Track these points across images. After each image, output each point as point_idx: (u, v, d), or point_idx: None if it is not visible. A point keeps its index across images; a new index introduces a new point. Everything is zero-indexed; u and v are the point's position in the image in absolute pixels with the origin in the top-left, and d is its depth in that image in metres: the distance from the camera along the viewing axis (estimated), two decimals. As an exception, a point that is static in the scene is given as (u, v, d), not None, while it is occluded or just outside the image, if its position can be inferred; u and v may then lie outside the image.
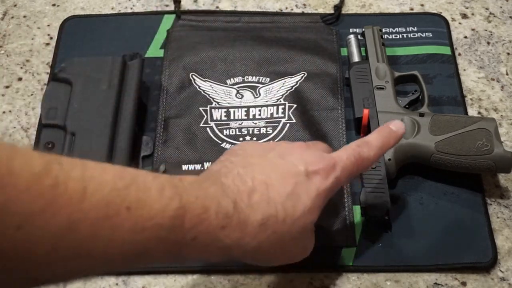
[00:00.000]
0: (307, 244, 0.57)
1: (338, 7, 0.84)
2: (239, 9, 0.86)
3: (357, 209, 0.67)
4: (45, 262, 0.39)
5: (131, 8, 0.86)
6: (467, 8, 0.86)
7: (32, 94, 0.78)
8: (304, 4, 0.86)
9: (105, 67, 0.72)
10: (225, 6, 0.86)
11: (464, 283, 0.64)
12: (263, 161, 0.54)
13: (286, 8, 0.86)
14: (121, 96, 0.71)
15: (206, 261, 0.59)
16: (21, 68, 0.81)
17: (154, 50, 0.81)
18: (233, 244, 0.49)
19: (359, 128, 0.72)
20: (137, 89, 0.72)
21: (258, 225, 0.50)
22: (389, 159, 0.67)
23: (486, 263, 0.64)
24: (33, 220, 0.37)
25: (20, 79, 0.80)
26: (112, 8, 0.86)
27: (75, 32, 0.83)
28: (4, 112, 0.77)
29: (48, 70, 0.80)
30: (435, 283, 0.64)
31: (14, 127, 0.75)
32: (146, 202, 0.43)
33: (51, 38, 0.84)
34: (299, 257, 0.57)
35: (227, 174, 0.52)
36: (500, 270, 0.65)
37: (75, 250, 0.40)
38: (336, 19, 0.84)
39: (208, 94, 0.76)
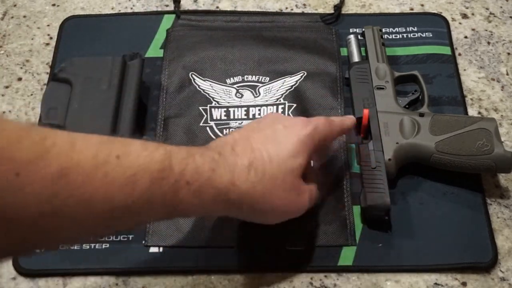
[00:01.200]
0: (300, 193, 0.58)
1: (338, 7, 0.84)
2: (239, 9, 0.86)
3: (357, 209, 0.67)
4: (43, 212, 0.41)
5: (131, 8, 0.86)
6: (467, 8, 0.86)
7: (32, 94, 0.78)
8: (304, 4, 0.86)
9: (105, 67, 0.72)
10: (225, 6, 0.86)
11: (464, 283, 0.64)
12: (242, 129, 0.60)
13: (286, 8, 0.86)
14: (121, 96, 0.71)
15: (207, 213, 0.59)
16: (21, 68, 0.81)
17: (154, 50, 0.81)
18: (228, 186, 0.52)
19: (359, 128, 0.72)
20: (137, 89, 0.72)
21: (247, 166, 0.54)
22: (389, 159, 0.67)
23: (486, 263, 0.64)
24: (29, 168, 0.40)
25: (20, 79, 0.80)
26: (112, 8, 0.86)
27: (75, 32, 0.83)
28: (4, 112, 0.77)
29: (48, 70, 0.80)
30: (435, 283, 0.64)
31: (14, 127, 0.75)
32: (132, 152, 0.47)
33: (51, 38, 0.83)
34: (295, 209, 0.59)
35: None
36: (501, 270, 0.65)
37: (72, 198, 0.42)
38: (336, 19, 0.84)
39: (208, 94, 0.76)
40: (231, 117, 0.74)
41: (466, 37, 0.83)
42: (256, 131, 0.58)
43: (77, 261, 0.65)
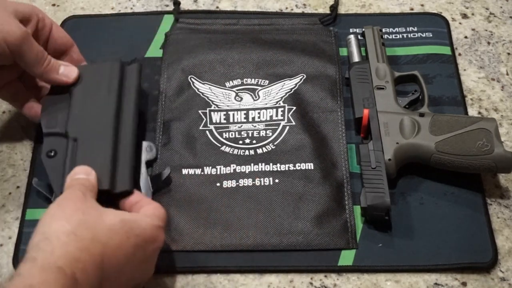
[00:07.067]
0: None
1: (334, 7, 0.84)
2: (239, 9, 0.86)
3: (357, 210, 0.67)
4: None
5: (131, 8, 0.86)
6: (467, 8, 0.86)
7: (32, 94, 0.78)
8: (304, 4, 0.86)
9: (104, 72, 0.70)
10: (225, 6, 0.86)
11: (464, 283, 0.64)
12: None
13: (286, 8, 0.86)
14: (121, 101, 0.69)
15: None
16: (21, 68, 0.81)
17: (154, 50, 0.81)
18: None
19: (359, 128, 0.72)
20: (137, 94, 0.70)
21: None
22: (389, 159, 0.67)
23: (486, 263, 0.64)
24: None
25: (20, 79, 0.80)
26: (112, 8, 0.86)
27: (75, 32, 0.82)
28: (4, 112, 0.77)
29: (48, 70, 0.80)
30: (435, 283, 0.64)
31: (14, 127, 0.75)
32: None
33: (51, 38, 0.83)
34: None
35: None
36: (500, 270, 0.65)
37: None
38: (334, 19, 0.84)
39: (207, 97, 0.76)
40: (231, 120, 0.74)
41: (466, 37, 0.83)
42: None
43: (77, 261, 0.64)
